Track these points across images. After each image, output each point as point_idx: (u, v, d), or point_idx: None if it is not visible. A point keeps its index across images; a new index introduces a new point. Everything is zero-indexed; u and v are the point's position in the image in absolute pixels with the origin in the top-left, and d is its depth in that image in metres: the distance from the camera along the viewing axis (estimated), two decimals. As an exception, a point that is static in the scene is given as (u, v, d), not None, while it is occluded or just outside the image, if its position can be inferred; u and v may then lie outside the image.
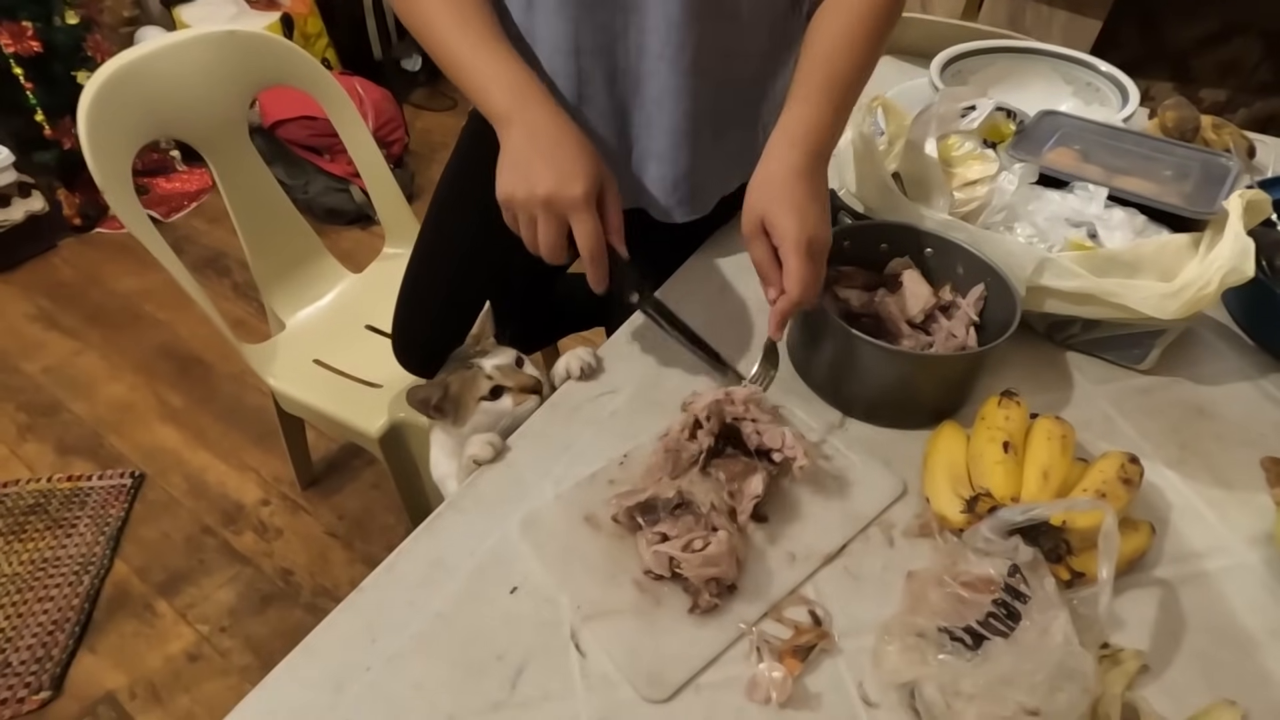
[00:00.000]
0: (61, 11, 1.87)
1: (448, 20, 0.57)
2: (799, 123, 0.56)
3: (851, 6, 0.59)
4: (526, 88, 0.55)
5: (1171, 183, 0.68)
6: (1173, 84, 2.00)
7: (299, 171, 2.11)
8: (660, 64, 0.64)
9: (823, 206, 0.55)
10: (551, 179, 0.51)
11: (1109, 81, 0.94)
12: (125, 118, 0.92)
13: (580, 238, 0.52)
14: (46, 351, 1.77)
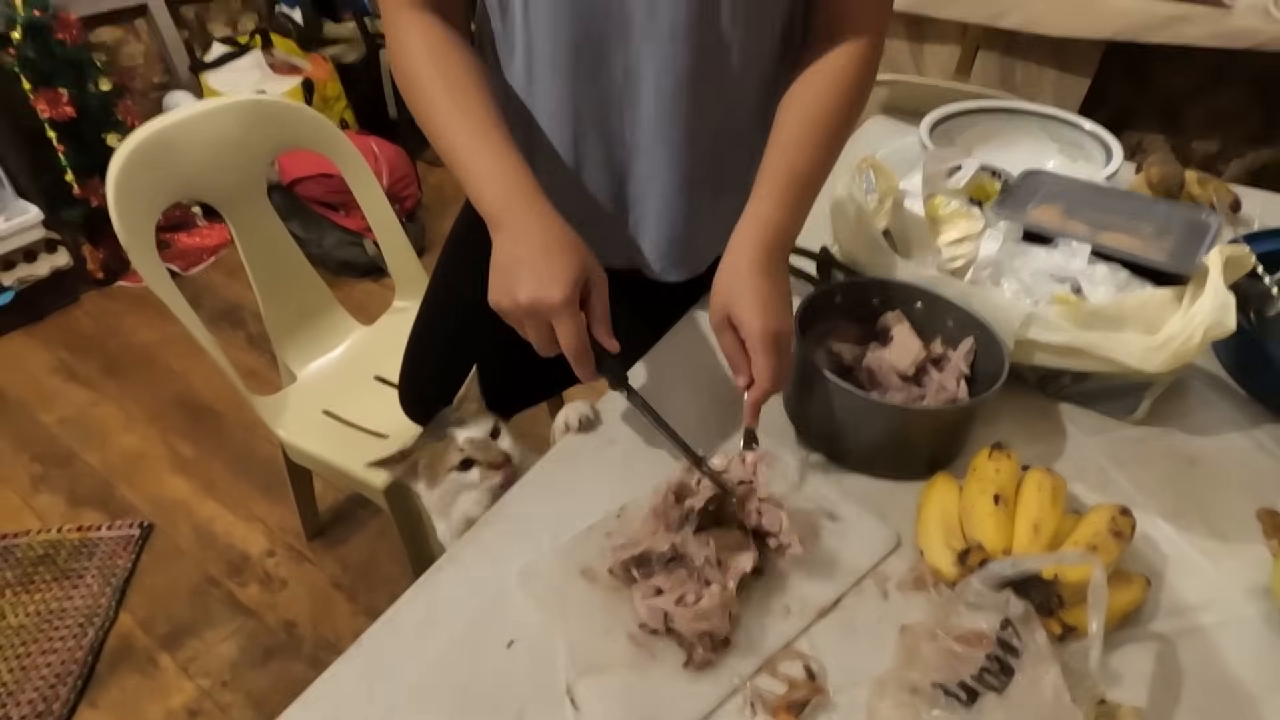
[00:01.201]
0: (95, 79, 1.98)
1: (448, 109, 0.60)
2: (760, 222, 0.59)
3: (814, 103, 0.63)
4: (518, 189, 0.57)
5: (1154, 238, 0.70)
6: (1164, 135, 2.04)
7: (314, 226, 2.18)
8: (655, 134, 0.67)
9: (784, 299, 0.58)
10: (533, 286, 0.53)
11: (1093, 139, 0.97)
12: (151, 182, 0.97)
13: (562, 339, 0.54)
14: (64, 402, 1.81)
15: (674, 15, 0.60)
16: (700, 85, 0.64)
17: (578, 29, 0.62)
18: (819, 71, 0.64)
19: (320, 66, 2.42)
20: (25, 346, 1.97)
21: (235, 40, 2.47)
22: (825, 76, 0.64)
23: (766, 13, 0.63)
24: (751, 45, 0.64)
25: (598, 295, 0.57)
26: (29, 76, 1.86)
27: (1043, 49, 1.70)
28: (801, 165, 0.62)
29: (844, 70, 0.64)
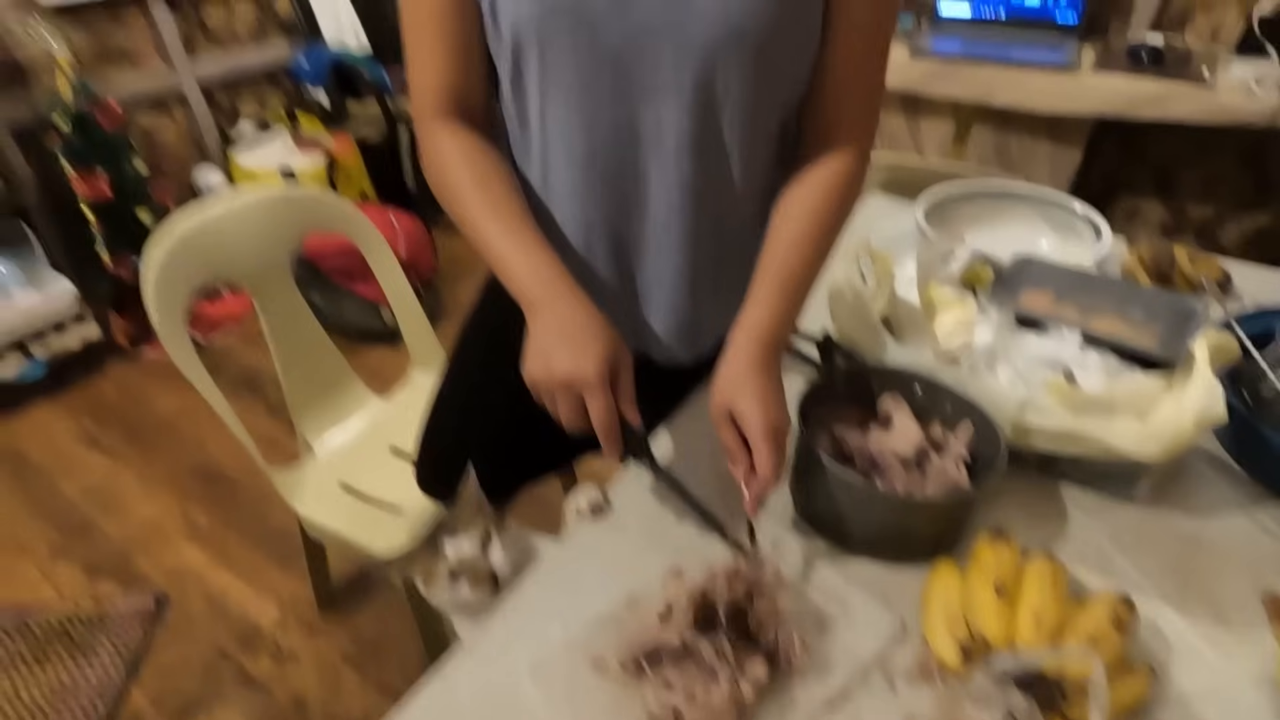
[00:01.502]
0: (132, 160, 2.09)
1: (481, 209, 0.65)
2: (757, 323, 0.63)
3: (807, 208, 0.67)
4: (551, 277, 0.62)
5: (1142, 324, 0.72)
6: (1159, 201, 2.09)
7: (334, 295, 2.25)
8: (662, 234, 0.71)
9: (781, 394, 0.62)
10: (569, 362, 0.57)
11: (1084, 220, 1.01)
12: (186, 271, 1.03)
13: (593, 414, 0.58)
14: (85, 471, 1.84)
15: (679, 130, 0.65)
16: (703, 191, 0.69)
17: (591, 142, 0.67)
18: (811, 178, 0.69)
19: (343, 143, 2.54)
20: (51, 415, 2.02)
21: (264, 119, 2.61)
22: (817, 183, 0.68)
23: (762, 126, 0.68)
24: (749, 155, 0.68)
25: (625, 375, 0.61)
26: (70, 159, 1.97)
27: (1034, 124, 1.76)
28: (796, 267, 0.66)
29: (835, 177, 0.68)
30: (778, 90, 0.67)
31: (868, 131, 0.70)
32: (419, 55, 0.67)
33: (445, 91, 0.68)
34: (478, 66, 0.68)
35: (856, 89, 0.68)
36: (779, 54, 0.63)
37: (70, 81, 1.92)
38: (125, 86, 2.25)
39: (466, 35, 0.65)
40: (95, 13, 2.15)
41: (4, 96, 2.02)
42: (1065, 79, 1.66)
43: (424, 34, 0.66)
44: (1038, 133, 1.79)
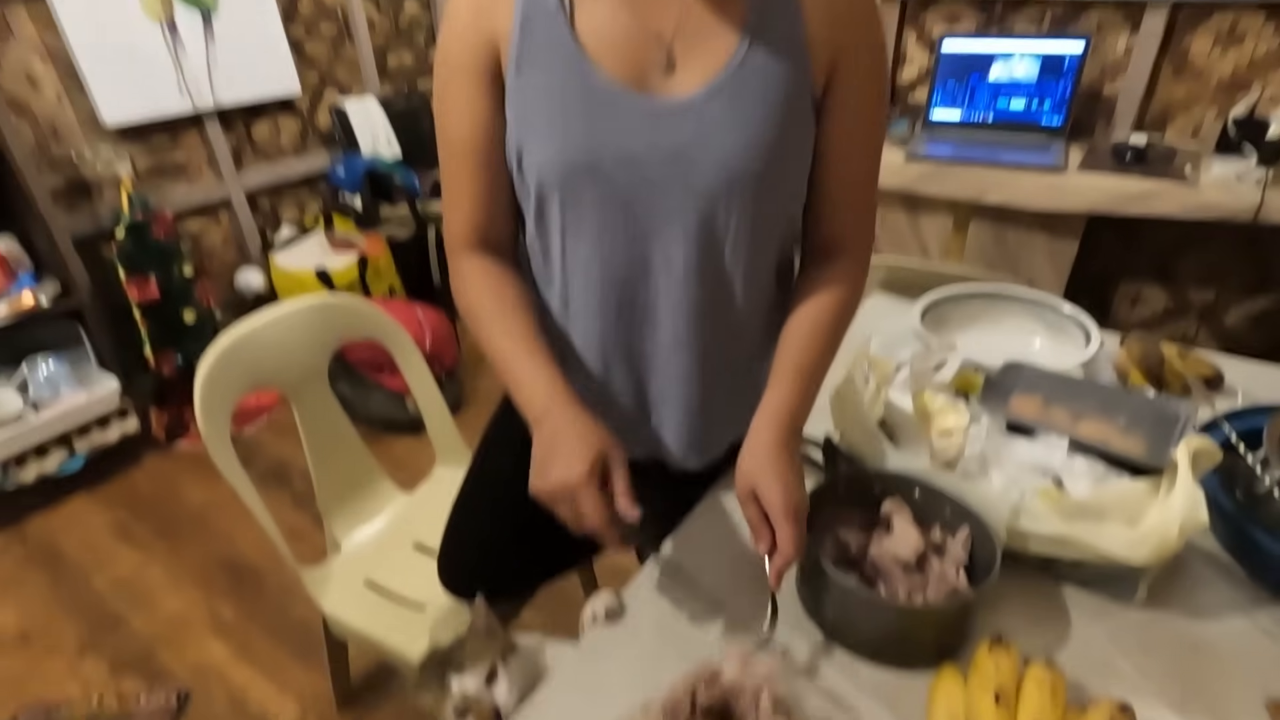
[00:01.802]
0: (180, 265, 2.24)
1: (499, 331, 0.73)
2: (776, 411, 0.69)
3: (815, 313, 0.74)
4: (552, 395, 0.68)
5: (1128, 429, 0.76)
6: (1161, 286, 2.15)
7: (362, 387, 2.35)
8: (672, 354, 0.78)
9: (800, 475, 0.67)
10: (560, 470, 0.63)
11: (1073, 321, 1.06)
12: (231, 379, 1.11)
13: (585, 514, 0.63)
14: (117, 564, 1.89)
15: (685, 262, 0.72)
16: (708, 315, 0.76)
17: (607, 273, 0.74)
18: (816, 289, 0.76)
19: (375, 243, 2.70)
20: (87, 508, 2.09)
21: (302, 223, 2.79)
22: (822, 293, 0.75)
23: (761, 256, 0.75)
24: (750, 281, 0.76)
25: (618, 471, 0.65)
26: (125, 266, 2.12)
27: (1029, 219, 1.85)
28: (807, 363, 0.73)
29: (838, 287, 0.76)
30: (774, 225, 0.75)
31: (865, 244, 0.78)
32: (452, 194, 0.76)
33: (474, 227, 0.76)
34: (504, 207, 0.77)
35: (852, 208, 0.76)
36: (773, 195, 0.71)
37: (130, 196, 2.10)
38: (178, 198, 2.44)
39: (494, 180, 0.74)
40: (156, 133, 2.36)
41: (71, 210, 2.20)
42: (1054, 178, 1.75)
43: (457, 176, 0.75)
44: (1033, 227, 1.88)
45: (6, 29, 2.00)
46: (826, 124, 0.71)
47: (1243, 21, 1.78)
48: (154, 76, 2.25)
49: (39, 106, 2.10)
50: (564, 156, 0.68)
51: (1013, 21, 2.05)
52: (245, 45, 2.45)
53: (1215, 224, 1.76)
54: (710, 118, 0.66)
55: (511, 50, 0.68)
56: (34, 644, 1.67)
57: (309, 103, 2.79)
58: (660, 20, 0.67)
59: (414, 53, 3.13)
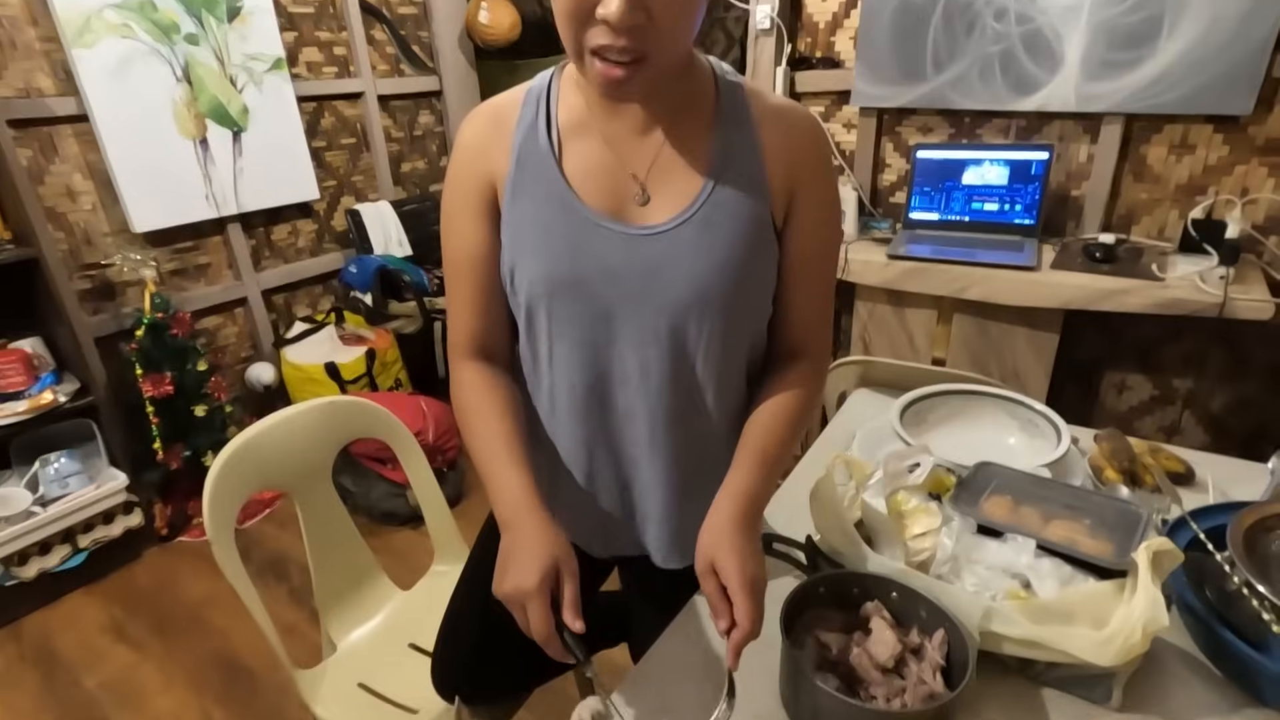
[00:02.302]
0: (196, 362, 2.32)
1: (483, 435, 0.78)
2: (737, 487, 0.73)
3: (777, 406, 0.80)
4: (519, 502, 0.73)
5: (1094, 530, 0.80)
6: (1145, 374, 2.20)
7: (364, 479, 2.38)
8: (650, 455, 0.83)
9: (759, 553, 0.70)
10: (512, 579, 0.67)
11: (1045, 419, 1.11)
12: (239, 482, 1.15)
13: (531, 620, 0.66)
14: (109, 664, 1.87)
15: (659, 369, 0.79)
16: (682, 417, 0.82)
17: (589, 378, 0.81)
18: (777, 389, 0.82)
19: (383, 337, 2.80)
20: (83, 605, 2.08)
21: (314, 318, 2.90)
22: (784, 391, 0.81)
23: (729, 364, 0.82)
24: (720, 387, 0.82)
25: (569, 583, 0.68)
26: (142, 365, 2.20)
27: (1009, 313, 1.93)
28: (768, 448, 0.77)
29: (799, 387, 0.82)
30: (740, 338, 0.82)
31: (823, 350, 0.86)
32: (454, 306, 0.84)
33: (472, 336, 0.84)
34: (500, 318, 0.85)
35: (810, 320, 0.84)
36: (738, 311, 0.79)
37: (152, 297, 2.21)
38: (198, 297, 2.56)
39: (491, 294, 0.82)
40: (182, 238, 2.51)
41: (95, 311, 2.31)
42: (1029, 276, 1.84)
43: (459, 291, 0.83)
44: (1014, 320, 1.95)
45: (53, 149, 2.17)
46: (786, 249, 0.79)
47: (1192, 132, 1.92)
48: (184, 188, 2.42)
49: (75, 217, 2.24)
50: (551, 274, 0.76)
51: (981, 132, 2.20)
52: (270, 158, 2.63)
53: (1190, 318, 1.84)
54: (680, 242, 0.75)
55: (508, 184, 0.77)
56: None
57: (326, 206, 2.96)
58: (636, 160, 0.77)
59: (426, 160, 3.34)
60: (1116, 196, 2.06)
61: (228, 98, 2.48)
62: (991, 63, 2.06)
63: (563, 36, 0.66)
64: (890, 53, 2.20)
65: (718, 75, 0.78)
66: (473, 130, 0.80)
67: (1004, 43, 2.03)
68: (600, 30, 0.63)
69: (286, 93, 2.65)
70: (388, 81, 3.05)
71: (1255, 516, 0.81)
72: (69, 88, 2.15)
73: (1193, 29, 1.79)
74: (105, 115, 2.19)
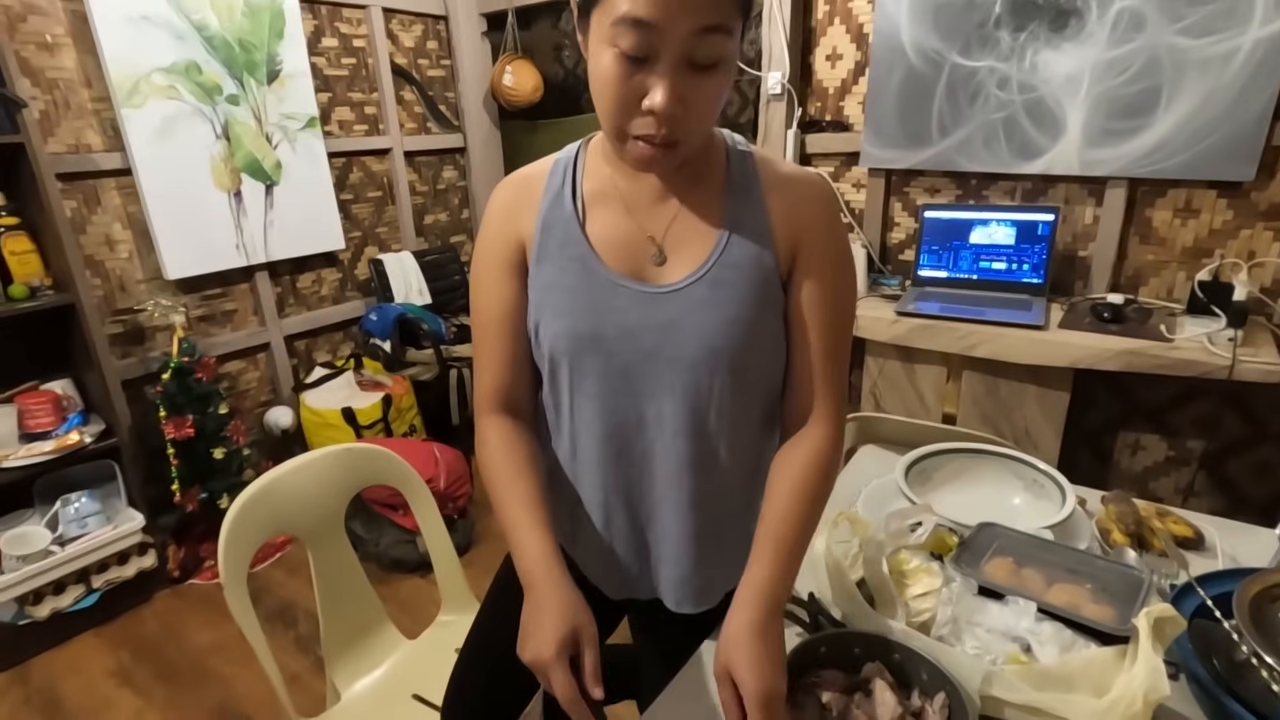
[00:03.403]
0: (218, 405, 2.38)
1: (506, 494, 0.81)
2: (757, 585, 0.73)
3: (794, 483, 0.80)
4: (542, 563, 0.75)
5: (1097, 594, 0.80)
6: (1158, 435, 2.18)
7: (375, 526, 2.39)
8: (666, 501, 0.85)
9: (778, 660, 0.69)
10: (534, 646, 0.70)
11: (1050, 480, 1.11)
12: (254, 526, 1.18)
13: (555, 688, 0.68)
14: (112, 711, 1.86)
15: (674, 421, 0.82)
16: (697, 467, 0.84)
17: (608, 428, 0.84)
18: (794, 456, 0.82)
19: (399, 384, 2.85)
20: (92, 649, 2.09)
21: (333, 364, 2.96)
22: (799, 460, 0.82)
23: (743, 416, 0.84)
24: (734, 439, 0.84)
25: (588, 652, 0.70)
26: (166, 408, 2.26)
27: (1019, 371, 1.94)
28: (788, 534, 0.77)
29: (814, 454, 0.82)
30: (753, 389, 0.84)
31: (836, 413, 0.85)
32: (482, 362, 0.88)
33: (499, 392, 0.88)
34: (526, 374, 0.88)
35: (820, 379, 0.84)
36: (750, 364, 0.82)
37: (181, 344, 2.28)
38: (223, 342, 2.64)
39: (518, 350, 0.86)
40: (211, 285, 2.60)
41: (124, 355, 2.39)
42: (1037, 335, 1.86)
43: (488, 347, 0.87)
44: (1023, 379, 1.96)
45: (96, 201, 2.28)
46: (791, 307, 0.82)
47: (1196, 197, 1.96)
48: (216, 238, 2.52)
49: (112, 264, 2.34)
50: (573, 330, 0.81)
51: (988, 194, 2.25)
52: (300, 210, 2.75)
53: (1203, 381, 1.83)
54: (694, 300, 0.79)
55: (534, 246, 0.83)
56: (18, 796, 1.62)
57: (351, 255, 3.06)
58: (654, 225, 0.82)
59: (449, 212, 3.45)
60: (1124, 258, 2.09)
61: (263, 154, 2.61)
62: (995, 129, 2.12)
63: (604, 120, 0.72)
64: (897, 118, 2.27)
65: (729, 147, 0.84)
66: (504, 197, 0.86)
67: (1007, 110, 2.10)
68: (645, 121, 0.69)
69: (318, 149, 2.77)
70: (415, 139, 3.19)
71: (1261, 585, 0.81)
72: (116, 144, 2.27)
73: (1190, 101, 1.85)
74: (147, 169, 2.31)
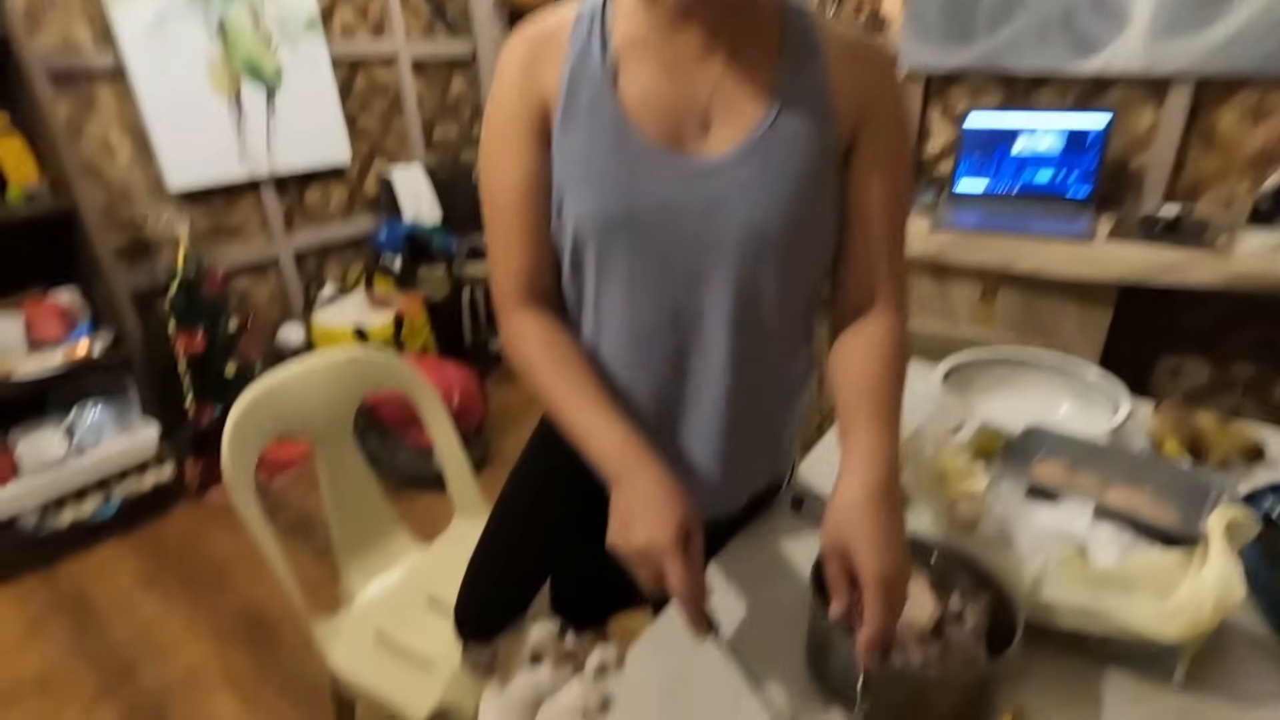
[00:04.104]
0: (227, 320, 2.34)
1: (563, 390, 0.72)
2: (868, 449, 0.63)
3: (875, 357, 0.71)
4: (631, 451, 0.67)
5: (1158, 498, 0.73)
6: (1204, 359, 2.08)
7: (388, 442, 2.38)
8: (701, 401, 0.78)
9: (901, 536, 0.60)
10: (645, 532, 0.61)
11: (1101, 389, 1.03)
12: (260, 427, 1.14)
13: (671, 579, 0.60)
14: (138, 612, 1.90)
15: (715, 314, 0.73)
16: (738, 365, 0.76)
17: (638, 323, 0.75)
18: (863, 342, 0.73)
19: (411, 302, 2.79)
20: (116, 555, 2.12)
21: (344, 282, 2.90)
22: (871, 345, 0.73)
23: (789, 309, 0.76)
24: (780, 332, 0.76)
25: (695, 544, 0.63)
26: (175, 320, 2.22)
27: (1059, 288, 1.83)
28: (885, 399, 0.68)
29: (885, 339, 0.73)
30: (802, 276, 0.76)
31: (904, 300, 0.77)
32: (500, 248, 0.77)
33: (523, 278, 0.77)
34: (551, 258, 0.78)
35: (888, 267, 0.75)
36: (801, 250, 0.73)
37: (186, 255, 2.22)
38: (230, 257, 2.58)
39: (542, 230, 0.76)
40: (215, 197, 2.52)
41: (130, 267, 2.34)
42: (1083, 248, 1.74)
43: (506, 230, 0.75)
44: (1064, 296, 1.85)
45: (91, 104, 2.18)
46: (854, 187, 0.73)
47: (1270, 97, 1.79)
48: (218, 145, 2.42)
49: (112, 172, 2.26)
50: (602, 210, 0.71)
51: (1036, 97, 2.09)
52: (303, 119, 2.63)
53: (1255, 296, 1.72)
54: (741, 176, 0.69)
55: (559, 108, 0.71)
56: (51, 690, 1.67)
57: (358, 170, 2.95)
58: (696, 86, 0.71)
59: (459, 126, 3.31)
60: (1181, 167, 1.94)
61: (261, 55, 2.47)
62: (1051, 20, 1.94)
63: None
64: (940, 10, 2.09)
65: (782, 1, 0.72)
66: (519, 53, 0.73)
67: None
68: None
69: (320, 53, 2.63)
70: (421, 45, 3.02)
71: (1340, 491, 0.74)
72: (106, 43, 2.15)
73: (1277, -18, 1.66)
74: (141, 71, 2.19)
